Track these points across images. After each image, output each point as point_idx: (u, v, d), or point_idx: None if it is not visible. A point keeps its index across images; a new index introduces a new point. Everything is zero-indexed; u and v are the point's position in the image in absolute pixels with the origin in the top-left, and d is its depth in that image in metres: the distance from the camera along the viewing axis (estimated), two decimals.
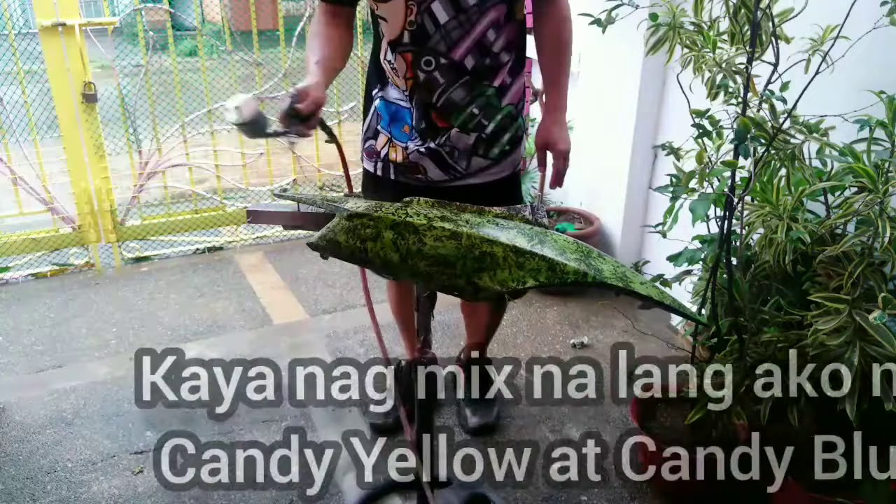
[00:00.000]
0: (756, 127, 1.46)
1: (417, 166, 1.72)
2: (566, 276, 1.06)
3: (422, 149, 1.69)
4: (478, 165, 1.72)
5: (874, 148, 1.47)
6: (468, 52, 1.59)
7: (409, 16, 1.54)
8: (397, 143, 1.73)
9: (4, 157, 3.02)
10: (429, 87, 1.62)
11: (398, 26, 1.57)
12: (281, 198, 1.37)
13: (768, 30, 1.43)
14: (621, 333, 2.68)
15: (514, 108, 1.71)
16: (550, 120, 1.72)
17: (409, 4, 1.53)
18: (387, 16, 1.57)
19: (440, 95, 1.63)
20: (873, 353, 1.39)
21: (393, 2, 1.53)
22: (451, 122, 1.65)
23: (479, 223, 1.13)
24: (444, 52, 1.57)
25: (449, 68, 1.60)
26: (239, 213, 3.55)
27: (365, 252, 1.11)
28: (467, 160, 1.71)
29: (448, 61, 1.59)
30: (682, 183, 1.71)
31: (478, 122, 1.66)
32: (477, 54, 1.60)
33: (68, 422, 2.14)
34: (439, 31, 1.55)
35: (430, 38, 1.56)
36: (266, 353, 2.54)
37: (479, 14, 1.54)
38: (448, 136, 1.67)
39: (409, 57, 1.60)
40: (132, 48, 3.30)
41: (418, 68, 1.60)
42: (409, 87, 1.64)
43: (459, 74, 1.61)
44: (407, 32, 1.57)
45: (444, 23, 1.54)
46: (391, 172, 1.77)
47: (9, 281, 3.16)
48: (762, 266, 1.68)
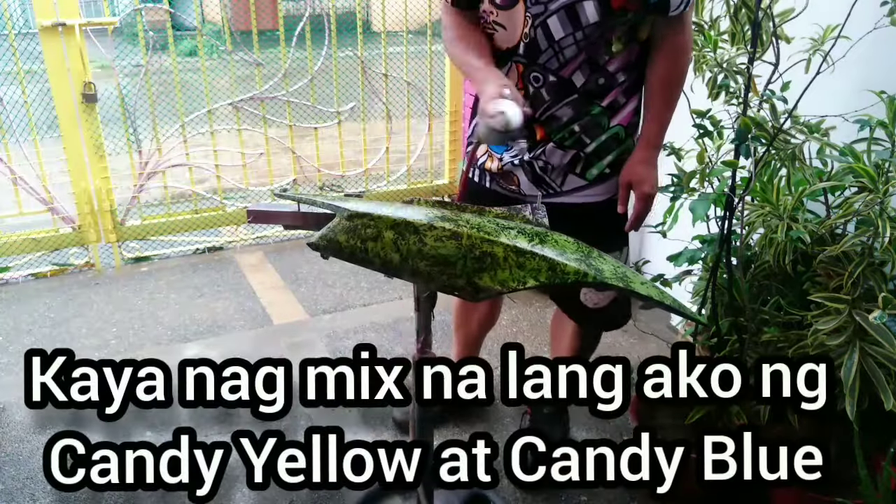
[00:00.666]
0: (757, 127, 1.46)
1: (512, 176, 1.67)
2: (566, 276, 1.06)
3: (516, 160, 1.64)
4: (573, 184, 1.64)
5: (874, 148, 1.47)
6: (578, 69, 1.51)
7: (525, 27, 1.48)
8: (493, 153, 1.69)
9: (4, 156, 3.02)
10: (535, 102, 1.56)
11: (515, 36, 1.51)
12: (281, 198, 1.37)
13: (769, 30, 1.43)
14: (621, 333, 2.68)
15: (622, 129, 1.61)
16: (641, 156, 1.58)
17: (527, 16, 1.47)
18: (505, 24, 1.51)
19: (545, 111, 1.57)
20: (873, 353, 1.39)
21: (513, 10, 1.48)
22: (549, 135, 1.59)
23: (479, 223, 1.13)
24: (555, 70, 1.51)
25: (557, 86, 1.53)
26: (239, 213, 3.55)
27: (365, 252, 1.11)
28: (562, 177, 1.63)
29: (556, 79, 1.52)
30: (683, 183, 1.71)
31: (577, 139, 1.58)
32: (588, 72, 1.51)
33: (69, 422, 2.14)
34: (552, 47, 1.48)
35: (541, 54, 1.50)
36: (266, 352, 2.54)
37: (599, 32, 1.45)
38: (544, 149, 1.60)
39: (520, 69, 1.55)
40: (132, 48, 3.29)
41: (528, 81, 1.55)
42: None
43: (568, 92, 1.54)
44: (522, 44, 1.51)
45: (559, 39, 1.47)
46: (487, 181, 1.73)
47: (9, 281, 3.16)
48: (762, 266, 1.68)
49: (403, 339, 2.60)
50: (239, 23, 3.88)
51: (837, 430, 1.51)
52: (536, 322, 2.77)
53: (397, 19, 3.60)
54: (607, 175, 1.63)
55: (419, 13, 3.71)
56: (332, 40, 3.46)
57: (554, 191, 1.65)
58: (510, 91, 1.34)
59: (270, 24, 3.80)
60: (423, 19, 3.75)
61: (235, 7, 4.19)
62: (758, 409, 1.61)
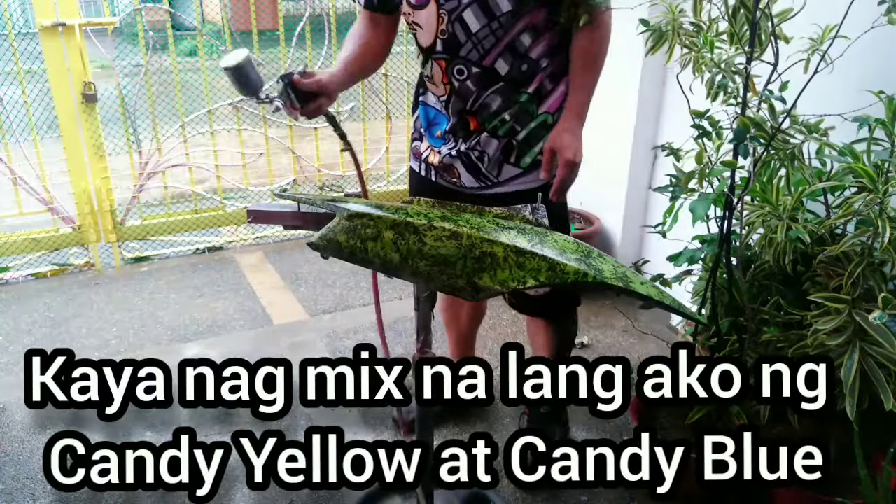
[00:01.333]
0: (755, 127, 1.46)
1: (453, 169, 1.73)
2: (566, 276, 1.06)
3: (453, 152, 1.69)
4: (509, 174, 1.70)
5: (874, 148, 1.47)
6: (500, 57, 1.56)
7: (441, 24, 1.54)
8: (433, 147, 1.75)
9: (4, 156, 3.02)
10: (462, 94, 1.62)
11: (432, 34, 1.57)
12: (281, 198, 1.37)
13: (767, 30, 1.43)
14: (621, 333, 2.69)
15: (550, 116, 1.65)
16: (565, 125, 1.62)
17: (441, 13, 1.52)
18: (422, 23, 1.57)
19: (474, 102, 1.62)
20: (873, 353, 1.39)
21: (426, 9, 1.54)
22: (482, 125, 1.65)
23: (479, 223, 1.13)
24: (476, 61, 1.57)
25: (481, 76, 1.59)
26: (239, 213, 3.55)
27: (365, 252, 1.11)
28: (498, 168, 1.69)
29: (480, 69, 1.58)
30: (682, 183, 1.71)
31: (509, 127, 1.64)
32: (510, 59, 1.57)
33: (69, 422, 2.14)
34: (471, 40, 1.54)
35: (461, 47, 1.55)
36: (266, 352, 2.54)
37: (514, 20, 1.51)
38: (478, 139, 1.66)
39: (442, 64, 1.61)
40: (132, 48, 3.30)
41: (452, 76, 1.61)
42: (448, 93, 1.64)
43: (493, 81, 1.59)
44: (440, 41, 1.57)
45: (476, 31, 1.53)
46: (432, 174, 1.79)
47: (9, 281, 3.16)
48: (762, 266, 1.68)
49: (403, 339, 2.61)
50: (239, 23, 3.88)
51: (837, 430, 1.50)
52: None
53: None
54: (539, 162, 1.66)
55: None
56: (332, 40, 3.46)
57: (491, 182, 1.71)
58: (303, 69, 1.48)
59: (270, 24, 3.80)
60: None
61: (235, 7, 4.19)
62: (758, 409, 1.61)
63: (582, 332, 2.68)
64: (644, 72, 2.62)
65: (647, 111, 2.71)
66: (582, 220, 3.07)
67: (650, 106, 2.70)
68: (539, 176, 1.67)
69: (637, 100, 2.68)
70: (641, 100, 2.68)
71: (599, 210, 3.04)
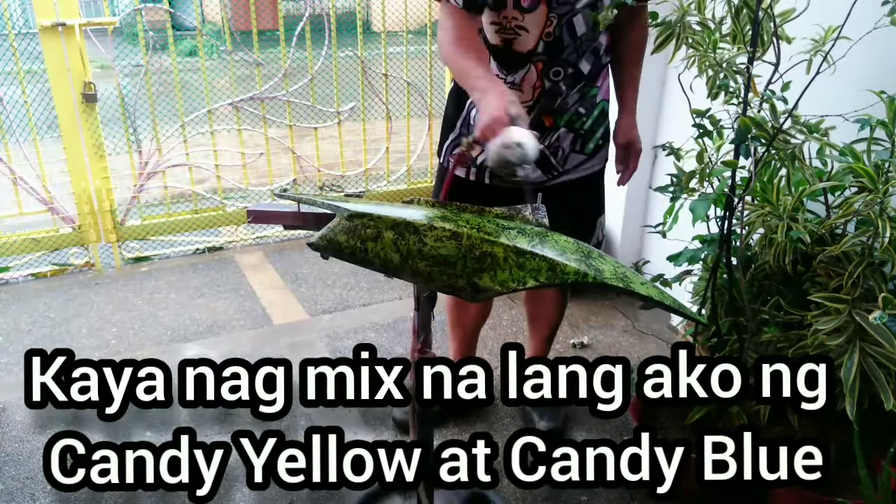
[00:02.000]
0: (756, 127, 1.45)
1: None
2: (566, 276, 1.06)
3: None
4: (574, 161, 1.76)
5: (874, 148, 1.47)
6: (584, 58, 1.63)
7: (548, 27, 1.56)
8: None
9: (4, 156, 3.02)
10: (552, 95, 1.65)
11: (536, 37, 1.59)
12: (281, 198, 1.36)
13: (769, 30, 1.43)
14: (621, 333, 2.69)
15: (606, 103, 1.77)
16: (630, 121, 1.79)
17: (550, 16, 1.55)
18: (528, 26, 1.57)
19: (562, 101, 1.67)
20: (873, 353, 1.39)
21: (536, 12, 1.55)
22: (557, 122, 1.69)
23: (479, 223, 1.13)
24: (573, 63, 1.62)
25: (573, 76, 1.64)
26: (239, 213, 3.55)
27: (365, 252, 1.11)
28: (566, 158, 1.74)
29: (574, 70, 1.63)
30: (683, 183, 1.71)
31: (583, 121, 1.71)
32: (592, 59, 1.64)
33: (69, 422, 2.14)
34: (574, 43, 1.59)
35: (564, 50, 1.60)
36: (266, 352, 2.55)
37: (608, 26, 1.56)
38: (557, 135, 1.70)
39: (540, 66, 1.62)
40: (132, 48, 3.29)
41: (547, 77, 1.63)
42: (535, 97, 1.65)
43: (578, 80, 1.65)
44: (543, 43, 1.59)
45: (581, 34, 1.58)
46: (486, 176, 1.77)
47: (9, 281, 3.16)
48: (762, 266, 1.68)
49: (403, 339, 2.60)
50: (239, 23, 3.88)
51: (837, 430, 1.51)
52: None
53: (397, 19, 3.60)
54: (601, 146, 1.80)
55: (419, 13, 3.72)
56: (332, 40, 3.46)
57: (558, 171, 1.75)
58: (516, 109, 1.33)
59: (270, 24, 3.80)
60: (423, 19, 3.76)
61: (235, 7, 4.19)
62: (758, 409, 1.61)
63: (582, 332, 2.68)
64: (644, 71, 2.61)
65: (647, 110, 2.70)
66: None
67: (650, 105, 2.70)
68: (599, 159, 1.80)
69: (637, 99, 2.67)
70: (641, 99, 2.66)
71: None
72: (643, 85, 1.72)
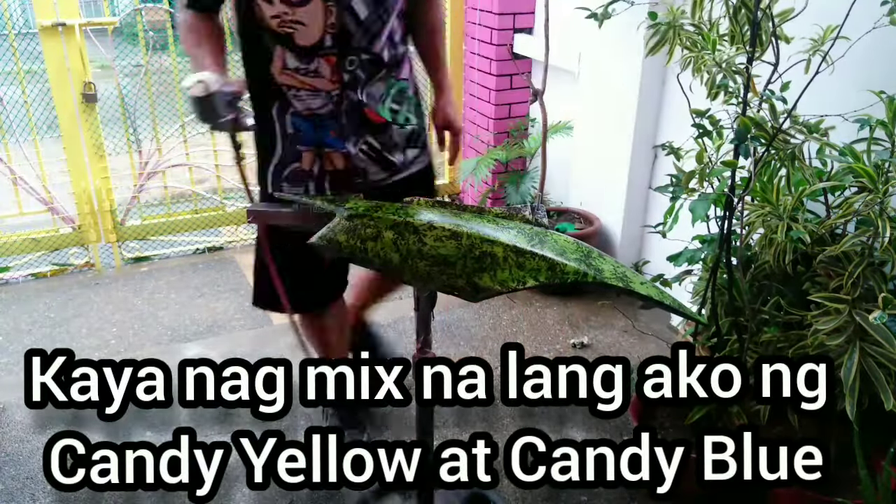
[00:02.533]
0: (756, 127, 1.46)
1: (357, 170, 1.65)
2: (566, 276, 1.06)
3: (363, 147, 1.63)
4: (412, 156, 1.74)
5: (874, 148, 1.47)
6: (384, 45, 1.58)
7: (330, 18, 1.48)
8: (334, 151, 1.62)
9: (4, 156, 3.02)
10: (353, 86, 1.57)
11: (318, 31, 1.49)
12: (281, 198, 1.37)
13: (768, 30, 1.43)
14: (621, 333, 2.69)
15: (416, 97, 1.75)
16: (445, 100, 1.79)
17: (329, 6, 1.46)
18: (305, 20, 1.48)
19: (361, 92, 1.59)
20: (873, 353, 1.39)
21: (308, 6, 1.46)
22: (381, 114, 1.64)
23: (479, 223, 1.13)
24: (366, 48, 1.55)
25: (370, 63, 1.57)
26: (239, 213, 3.55)
27: (365, 252, 1.11)
28: (403, 153, 1.72)
29: (369, 56, 1.56)
30: (682, 183, 1.71)
31: (404, 115, 1.69)
32: (389, 46, 1.60)
33: (69, 422, 2.14)
34: (360, 29, 1.51)
35: (352, 38, 1.52)
36: (266, 352, 2.54)
37: (394, 4, 1.55)
38: (390, 133, 1.66)
39: (332, 60, 1.53)
40: (132, 48, 3.29)
41: (343, 69, 1.54)
42: (339, 90, 1.56)
43: (378, 68, 1.59)
44: (329, 35, 1.50)
45: (365, 17, 1.51)
46: (326, 187, 1.66)
47: (9, 281, 3.16)
48: (762, 266, 1.68)
49: (403, 339, 2.61)
50: None
51: (837, 430, 1.51)
52: (536, 322, 2.77)
53: None
54: (426, 138, 1.78)
55: None
56: None
57: (397, 168, 1.72)
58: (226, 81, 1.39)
59: None
60: None
61: None
62: (758, 409, 1.61)
63: (582, 332, 2.68)
64: (644, 71, 2.62)
65: (647, 111, 2.71)
66: (582, 220, 3.07)
67: (650, 105, 2.70)
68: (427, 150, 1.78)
69: (637, 99, 2.68)
70: (641, 99, 2.68)
71: (599, 210, 3.04)
72: (643, 85, 1.72)
